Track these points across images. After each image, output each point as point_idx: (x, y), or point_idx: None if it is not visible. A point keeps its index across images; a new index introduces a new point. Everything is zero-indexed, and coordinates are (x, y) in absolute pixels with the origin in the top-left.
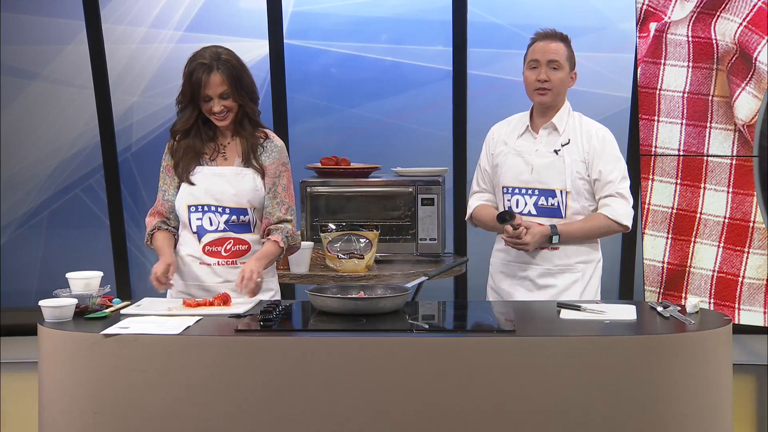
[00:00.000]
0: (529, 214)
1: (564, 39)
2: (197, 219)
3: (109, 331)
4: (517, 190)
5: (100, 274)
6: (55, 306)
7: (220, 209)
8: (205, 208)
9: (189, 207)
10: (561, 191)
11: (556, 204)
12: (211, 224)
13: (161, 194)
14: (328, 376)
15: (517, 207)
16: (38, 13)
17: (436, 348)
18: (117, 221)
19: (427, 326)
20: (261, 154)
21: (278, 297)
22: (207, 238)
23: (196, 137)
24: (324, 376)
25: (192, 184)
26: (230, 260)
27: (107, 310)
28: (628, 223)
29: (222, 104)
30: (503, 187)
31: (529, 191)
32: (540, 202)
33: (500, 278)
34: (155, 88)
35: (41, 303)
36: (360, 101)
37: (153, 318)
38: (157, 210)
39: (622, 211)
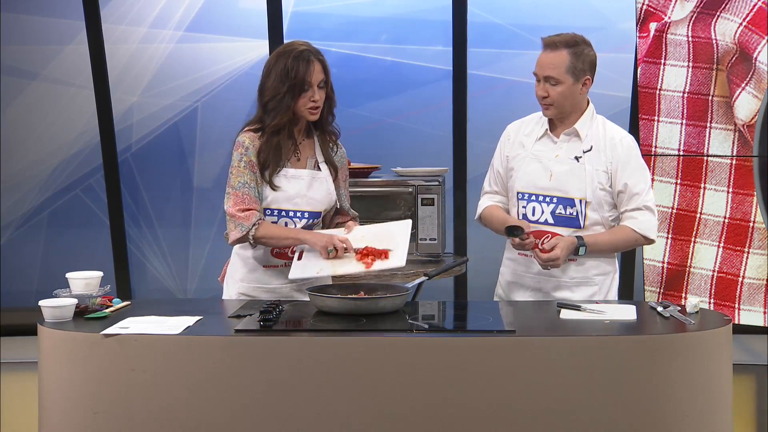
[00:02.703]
0: (546, 222)
1: (570, 44)
2: (271, 223)
3: (109, 331)
4: (533, 197)
5: (100, 274)
6: (55, 306)
7: (299, 214)
8: (283, 213)
9: (265, 210)
10: (581, 200)
11: (574, 213)
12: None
13: (250, 191)
14: (328, 376)
15: (533, 215)
16: (38, 13)
17: (436, 348)
18: (117, 221)
19: (427, 326)
20: (334, 156)
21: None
22: None
23: (283, 136)
24: (324, 376)
25: (274, 188)
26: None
27: (107, 310)
28: (655, 236)
29: (319, 93)
30: (518, 193)
31: (547, 199)
32: (558, 211)
33: (511, 289)
34: (155, 88)
35: (41, 303)
36: (360, 101)
37: (153, 318)
38: (253, 207)
39: (649, 225)
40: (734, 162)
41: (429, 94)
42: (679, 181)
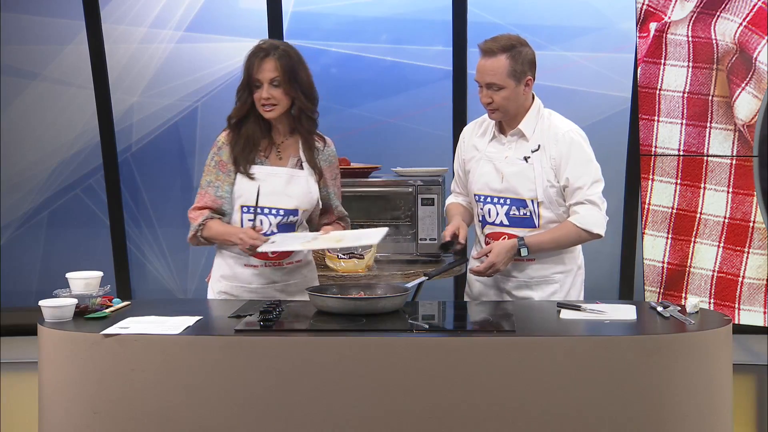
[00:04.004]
0: (501, 224)
1: (507, 48)
2: (249, 220)
3: (109, 331)
4: (489, 199)
5: (100, 274)
6: (55, 306)
7: (274, 211)
8: (258, 210)
9: (242, 208)
10: (532, 201)
11: (528, 214)
12: (261, 226)
13: (213, 190)
14: (328, 376)
15: (489, 216)
16: (38, 13)
17: (436, 348)
18: (117, 221)
19: (427, 326)
20: (318, 157)
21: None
22: None
23: (254, 127)
24: (324, 376)
25: (251, 178)
26: (276, 262)
27: (107, 310)
28: (600, 231)
29: (271, 92)
30: (475, 195)
31: (501, 200)
32: (512, 212)
33: (478, 287)
34: (155, 88)
35: (41, 303)
36: (360, 101)
37: (153, 318)
38: (207, 205)
39: (592, 220)
40: (734, 162)
41: (429, 94)
42: (679, 181)
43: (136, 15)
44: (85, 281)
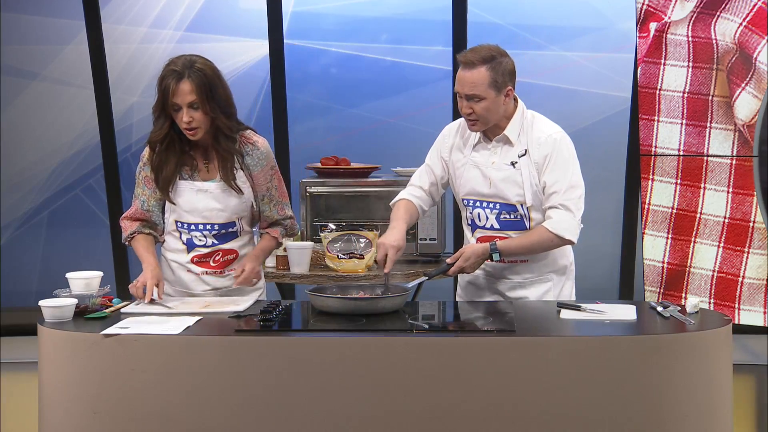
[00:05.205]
0: (492, 228)
1: (488, 60)
2: (185, 235)
3: (109, 331)
4: (478, 203)
5: (100, 274)
6: (55, 306)
7: (209, 226)
8: (193, 227)
9: (177, 222)
10: (522, 204)
11: (518, 217)
12: (200, 240)
13: (139, 203)
14: (328, 376)
15: (479, 220)
16: (38, 13)
17: (436, 348)
18: (117, 221)
19: (427, 326)
20: (247, 163)
21: (264, 293)
22: (196, 251)
23: (172, 149)
24: (324, 376)
25: (173, 203)
26: (219, 270)
27: (107, 310)
28: (572, 237)
29: (191, 115)
30: (463, 199)
31: (490, 205)
32: (502, 216)
33: (471, 290)
34: (155, 88)
35: (41, 303)
36: (360, 101)
37: (153, 318)
38: (136, 217)
39: (564, 225)
40: (734, 162)
41: (429, 94)
42: (679, 181)
43: (136, 15)
44: (85, 281)
